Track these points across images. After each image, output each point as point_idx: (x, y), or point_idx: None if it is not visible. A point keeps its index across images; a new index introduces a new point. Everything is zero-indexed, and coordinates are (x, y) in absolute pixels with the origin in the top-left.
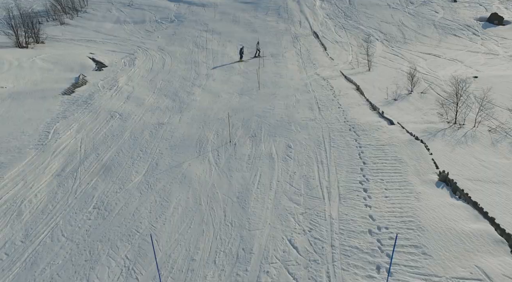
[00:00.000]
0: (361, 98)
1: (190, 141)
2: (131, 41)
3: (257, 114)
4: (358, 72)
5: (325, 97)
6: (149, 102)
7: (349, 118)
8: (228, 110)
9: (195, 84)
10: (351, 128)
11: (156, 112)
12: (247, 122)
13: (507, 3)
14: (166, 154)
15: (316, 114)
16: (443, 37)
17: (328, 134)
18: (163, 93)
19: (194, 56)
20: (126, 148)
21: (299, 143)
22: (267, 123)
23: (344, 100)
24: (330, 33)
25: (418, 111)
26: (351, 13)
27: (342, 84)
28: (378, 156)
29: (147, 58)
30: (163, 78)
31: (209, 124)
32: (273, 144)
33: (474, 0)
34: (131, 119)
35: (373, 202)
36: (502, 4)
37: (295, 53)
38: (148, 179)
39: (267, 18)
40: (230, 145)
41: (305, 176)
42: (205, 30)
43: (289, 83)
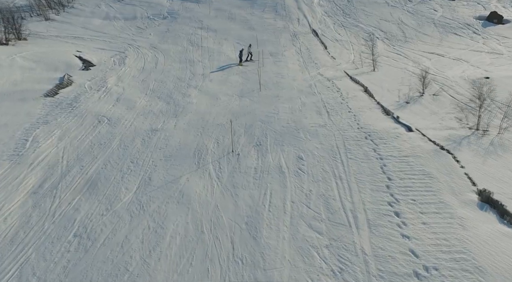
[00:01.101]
0: (371, 101)
1: (187, 151)
2: (122, 39)
3: (260, 119)
4: (363, 72)
5: (333, 100)
6: (141, 105)
7: (362, 124)
8: (228, 114)
9: (191, 85)
10: (367, 136)
11: (149, 116)
12: (250, 129)
13: (504, 2)
14: (161, 166)
15: (326, 119)
16: (444, 36)
17: (342, 143)
18: (156, 95)
19: (189, 55)
20: (114, 158)
21: (311, 153)
22: (272, 129)
23: (353, 103)
24: (329, 31)
25: (434, 116)
26: (349, 11)
27: (348, 85)
28: (403, 169)
29: (139, 56)
30: (156, 78)
31: (208, 130)
32: (282, 154)
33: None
34: (121, 125)
35: (411, 231)
36: (500, 3)
37: (295, 52)
38: (140, 197)
39: (264, 15)
40: (232, 155)
41: (323, 195)
42: (200, 27)
43: (292, 84)
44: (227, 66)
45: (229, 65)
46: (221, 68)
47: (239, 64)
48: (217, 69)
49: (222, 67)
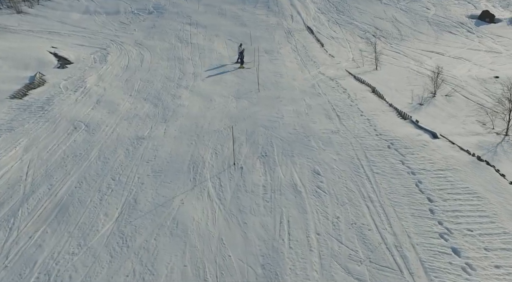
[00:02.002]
0: (382, 103)
1: (180, 163)
2: (103, 34)
3: (262, 124)
4: (365, 71)
5: (341, 102)
6: (124, 108)
7: (380, 130)
8: (226, 119)
9: (181, 85)
10: (389, 145)
11: (134, 121)
12: (252, 136)
13: (493, 1)
14: (149, 184)
15: (337, 124)
16: (439, 35)
17: (363, 154)
18: (142, 96)
19: (177, 52)
20: (92, 174)
21: (329, 166)
22: (278, 137)
23: (364, 105)
24: (324, 28)
25: (454, 119)
26: (343, 8)
27: (354, 85)
28: (443, 187)
29: (122, 53)
30: (142, 77)
31: (204, 138)
32: (293, 167)
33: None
34: (101, 132)
35: (484, 281)
36: (489, 2)
37: (291, 49)
38: (122, 227)
39: (256, 11)
40: (235, 169)
41: (354, 224)
42: (189, 23)
43: (293, 84)
44: (219, 64)
45: (222, 64)
46: (214, 66)
47: (240, 66)
48: (209, 68)
49: (214, 66)
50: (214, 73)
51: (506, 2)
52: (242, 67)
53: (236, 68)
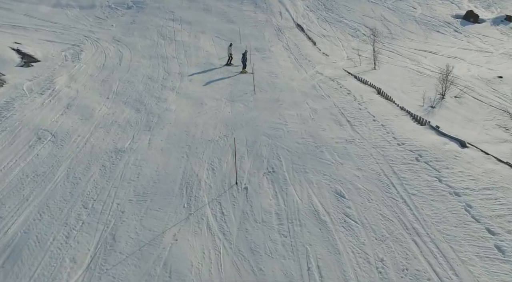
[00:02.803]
0: (392, 106)
1: (170, 183)
2: (76, 30)
3: (264, 132)
4: (363, 70)
5: (348, 105)
6: (101, 114)
7: (400, 138)
8: (221, 126)
9: (166, 87)
10: (417, 156)
11: (112, 130)
12: (254, 147)
13: (475, 2)
14: (131, 213)
15: (350, 131)
16: (428, 34)
17: (390, 169)
18: (121, 99)
19: (160, 50)
20: (58, 201)
21: (352, 186)
22: (284, 148)
23: (374, 109)
24: (314, 26)
25: (472, 124)
26: (331, 6)
27: (357, 86)
28: (500, 212)
29: (98, 51)
30: (121, 77)
31: (197, 150)
32: (309, 187)
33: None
34: (71, 144)
35: None
36: (471, 3)
37: (283, 47)
38: (96, 280)
39: (243, 8)
40: (237, 190)
41: (406, 270)
42: (172, 19)
43: (291, 85)
44: (208, 63)
45: (210, 62)
46: (201, 65)
47: (242, 71)
48: (196, 67)
49: (202, 65)
50: (203, 73)
51: (487, 3)
52: (245, 72)
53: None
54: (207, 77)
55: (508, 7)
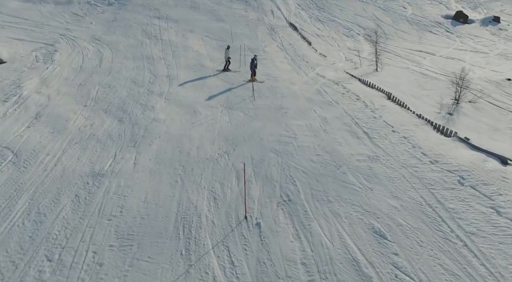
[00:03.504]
0: (408, 113)
1: (162, 220)
2: (50, 27)
3: (272, 148)
4: (366, 72)
5: (360, 112)
6: (76, 126)
7: (430, 153)
8: (219, 139)
9: (154, 92)
10: (459, 179)
11: (90, 146)
12: (261, 166)
13: (462, 3)
14: (112, 266)
15: (371, 146)
16: (421, 34)
17: (431, 196)
18: (101, 107)
19: (145, 50)
20: (13, 250)
21: (393, 221)
22: (298, 168)
23: (389, 117)
24: (307, 25)
25: (500, 133)
26: (322, 4)
27: (364, 90)
28: None
29: (75, 51)
30: (101, 81)
31: (193, 172)
32: (338, 223)
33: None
34: (37, 166)
35: None
36: (459, 3)
37: (278, 48)
38: None
39: (233, 6)
40: (248, 228)
41: None
42: (157, 17)
43: (293, 89)
44: (198, 64)
45: (201, 64)
46: (191, 67)
47: (251, 79)
48: (186, 69)
49: (192, 67)
50: (193, 76)
51: (473, 4)
52: (254, 80)
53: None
54: (199, 81)
55: (493, 8)
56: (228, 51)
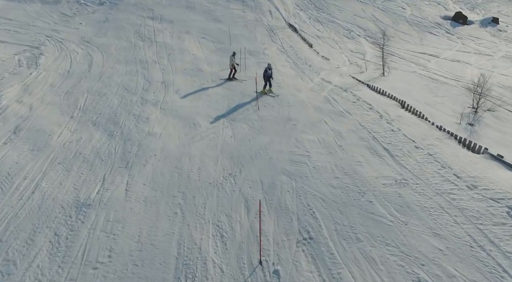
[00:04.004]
0: (426, 124)
1: (159, 268)
2: (36, 28)
3: (283, 169)
4: (372, 77)
5: (376, 125)
6: (60, 142)
7: (464, 176)
8: (223, 158)
9: (148, 101)
10: (508, 210)
11: (75, 167)
12: (273, 193)
13: (460, 3)
14: None
15: (395, 166)
16: (421, 35)
17: (480, 234)
18: (90, 118)
19: (139, 53)
20: None
21: (440, 269)
22: (316, 194)
23: (408, 130)
24: (307, 26)
25: None
26: (321, 5)
27: (375, 98)
28: None
29: (62, 54)
30: (90, 88)
31: (195, 201)
32: (373, 271)
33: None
34: (12, 193)
35: None
36: (457, 4)
37: (278, 50)
38: None
39: (230, 6)
40: (264, 278)
41: None
42: (151, 17)
43: (300, 97)
44: (196, 69)
45: (198, 68)
46: (188, 72)
47: (263, 90)
48: (182, 74)
49: (189, 71)
50: (191, 81)
51: (471, 5)
52: (268, 91)
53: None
54: (197, 87)
55: (491, 9)
56: (233, 58)
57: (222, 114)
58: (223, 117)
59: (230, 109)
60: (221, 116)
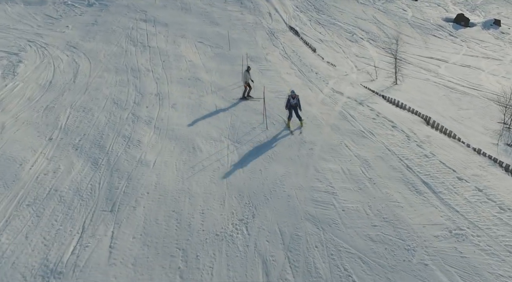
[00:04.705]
0: (461, 147)
1: None
2: (17, 32)
3: (305, 212)
4: (385, 86)
5: (406, 148)
6: (33, 174)
7: None
8: (230, 195)
9: (140, 118)
10: None
11: (47, 211)
12: (297, 250)
13: (460, 5)
14: None
15: (442, 208)
16: (425, 38)
17: None
18: (71, 141)
19: (131, 60)
20: None
21: None
22: (353, 253)
23: (443, 154)
24: (308, 29)
25: None
26: (321, 6)
27: (396, 113)
28: None
29: (45, 61)
30: (74, 102)
31: (198, 263)
32: None
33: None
34: None
35: None
36: (456, 6)
37: (281, 56)
38: None
39: (227, 7)
40: None
41: None
42: (144, 20)
43: (312, 113)
44: (193, 78)
45: (196, 77)
46: (185, 82)
47: (288, 124)
48: (179, 84)
49: (186, 81)
50: (188, 93)
51: (471, 7)
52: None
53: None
54: (195, 100)
55: (490, 11)
56: (248, 75)
57: (226, 135)
58: (226, 138)
59: (234, 128)
60: (224, 137)
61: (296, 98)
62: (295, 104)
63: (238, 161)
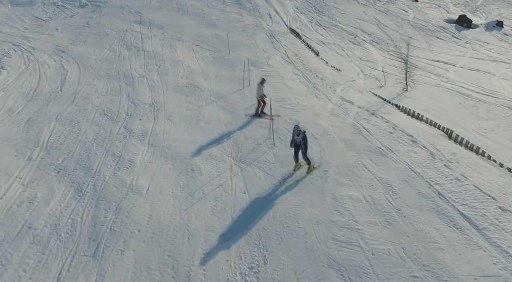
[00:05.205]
0: (494, 166)
1: None
2: (2, 35)
3: (328, 256)
4: (396, 93)
5: (432, 170)
6: (4, 204)
7: None
8: (239, 235)
9: (133, 132)
10: None
11: (16, 256)
12: None
13: (460, 6)
14: None
15: (492, 250)
16: (428, 40)
17: None
18: (53, 161)
19: (124, 65)
20: None
21: None
22: None
23: (476, 177)
24: (309, 31)
25: None
26: (321, 7)
27: (414, 126)
28: None
29: (29, 68)
30: (60, 114)
31: None
32: None
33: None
34: None
35: None
36: (457, 7)
37: (283, 59)
38: None
39: (226, 9)
40: None
41: None
42: (138, 22)
43: (322, 126)
44: (191, 85)
45: (194, 84)
46: (183, 89)
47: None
48: (175, 93)
49: (184, 88)
50: (185, 102)
51: (472, 8)
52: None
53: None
54: (193, 111)
55: (491, 12)
56: (262, 88)
57: (228, 152)
58: (229, 156)
59: (238, 144)
60: (227, 155)
61: (301, 135)
62: (300, 142)
63: (244, 187)
